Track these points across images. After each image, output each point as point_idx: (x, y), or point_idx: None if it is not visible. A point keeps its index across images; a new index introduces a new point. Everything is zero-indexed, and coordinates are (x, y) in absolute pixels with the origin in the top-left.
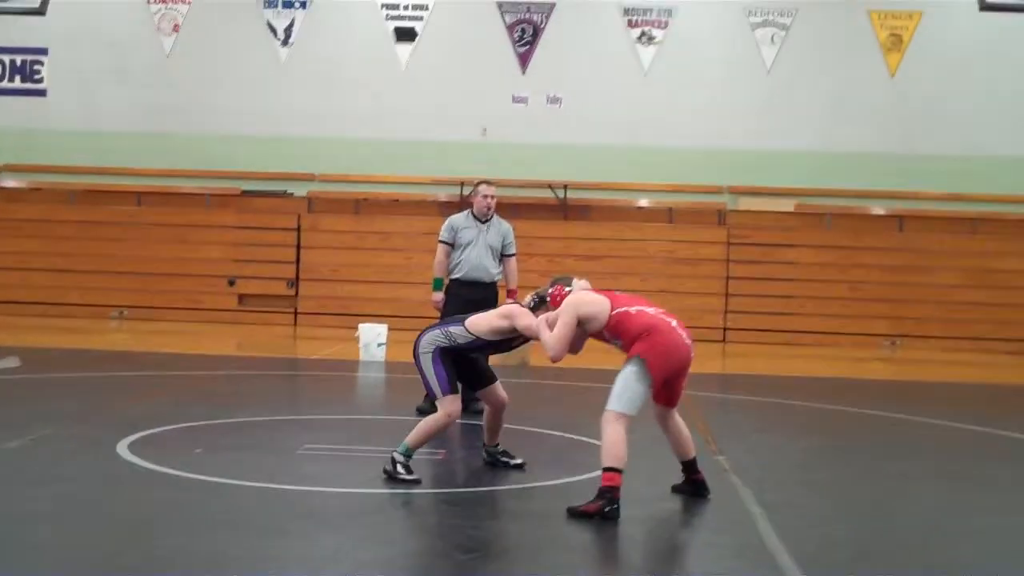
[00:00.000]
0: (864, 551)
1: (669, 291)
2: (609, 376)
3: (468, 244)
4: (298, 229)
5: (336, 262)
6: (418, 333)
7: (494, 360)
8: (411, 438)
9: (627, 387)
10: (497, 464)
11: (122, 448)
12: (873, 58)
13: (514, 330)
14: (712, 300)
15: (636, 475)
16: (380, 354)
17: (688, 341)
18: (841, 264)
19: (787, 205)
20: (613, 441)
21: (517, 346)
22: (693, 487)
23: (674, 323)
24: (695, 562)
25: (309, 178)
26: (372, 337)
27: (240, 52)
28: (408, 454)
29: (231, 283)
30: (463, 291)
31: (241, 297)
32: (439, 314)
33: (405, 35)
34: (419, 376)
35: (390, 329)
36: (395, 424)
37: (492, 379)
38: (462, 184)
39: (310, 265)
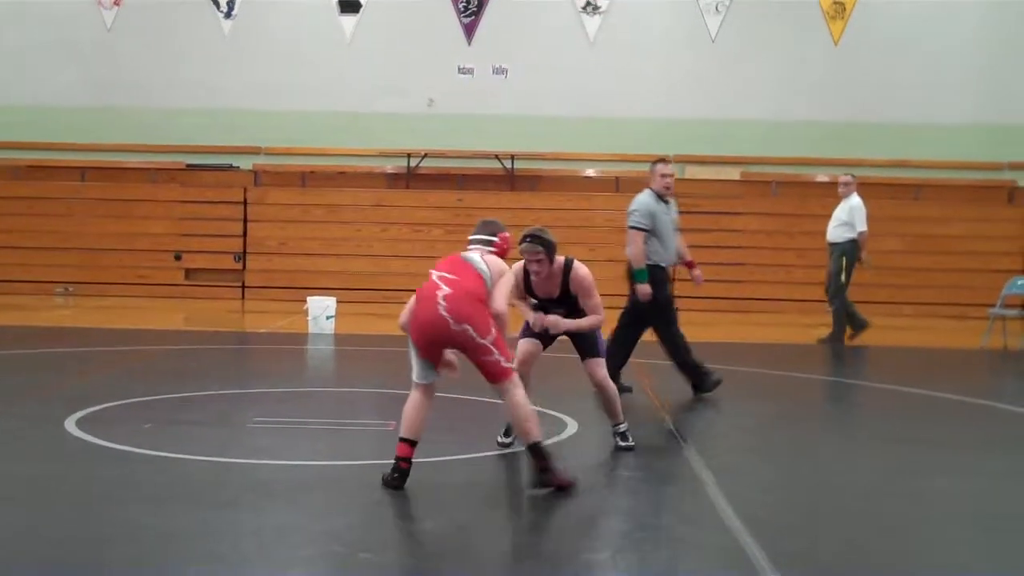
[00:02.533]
0: (813, 514)
1: (617, 260)
2: (556, 344)
3: (668, 229)
4: (244, 203)
5: (283, 235)
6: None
7: None
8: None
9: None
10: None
11: (70, 425)
12: (817, 26)
13: None
14: None
15: (585, 442)
16: (329, 327)
17: (443, 312)
18: (788, 231)
19: (734, 174)
20: (405, 409)
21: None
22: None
23: (443, 292)
24: (647, 527)
25: (255, 151)
26: (321, 310)
27: (183, 25)
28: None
29: (177, 258)
30: (664, 276)
31: (188, 272)
32: (654, 308)
33: (349, 7)
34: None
35: (339, 302)
36: (345, 396)
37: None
38: (408, 155)
39: (257, 239)
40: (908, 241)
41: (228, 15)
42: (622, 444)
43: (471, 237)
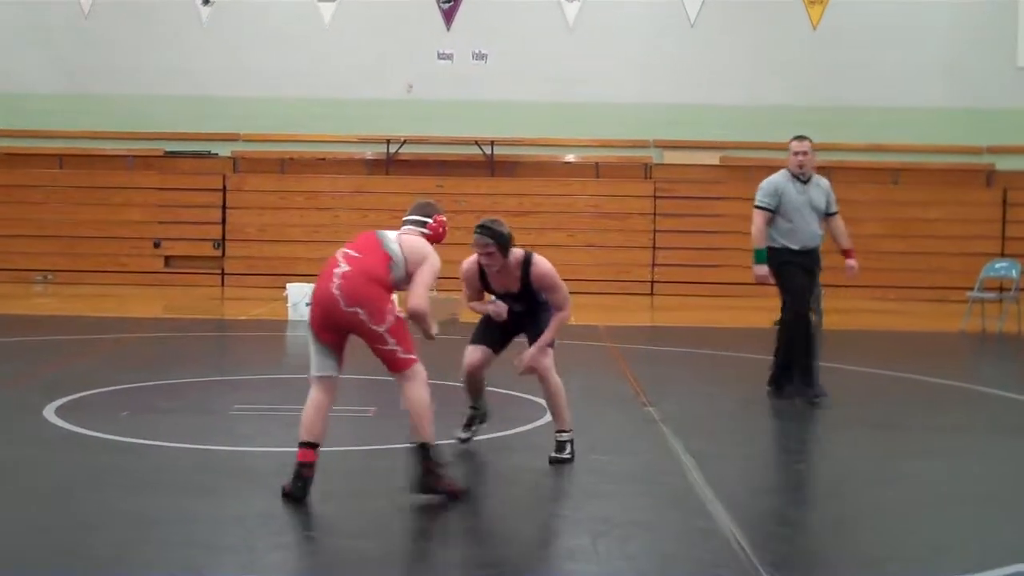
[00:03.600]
0: (792, 497)
1: (597, 245)
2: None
3: (796, 208)
4: (223, 189)
5: (262, 222)
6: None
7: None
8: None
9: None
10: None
11: (49, 412)
12: (796, 11)
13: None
14: (640, 253)
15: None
16: (308, 313)
17: (335, 291)
18: None
19: (712, 158)
20: (304, 409)
21: None
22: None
23: (340, 269)
24: (627, 511)
25: (233, 138)
26: (300, 296)
27: (161, 11)
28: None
29: (156, 245)
30: (798, 259)
31: (167, 259)
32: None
33: None
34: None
35: None
36: None
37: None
38: (388, 141)
39: (236, 225)
40: (887, 225)
41: (206, 2)
42: (554, 454)
43: (405, 217)
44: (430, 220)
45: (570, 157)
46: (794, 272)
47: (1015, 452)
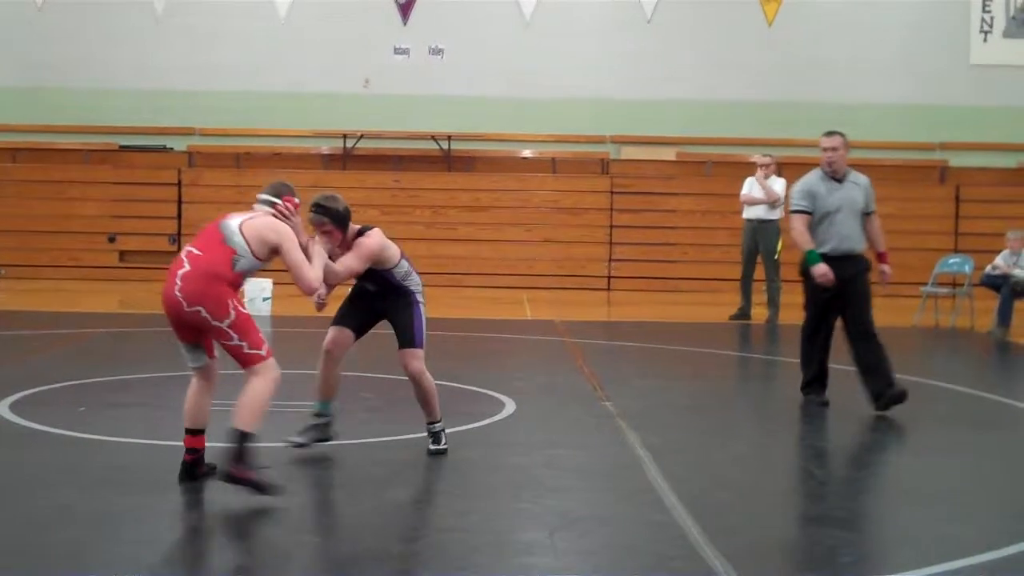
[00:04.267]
0: (749, 491)
1: (553, 240)
2: (491, 325)
3: (833, 211)
4: (179, 184)
5: (218, 217)
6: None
7: None
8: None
9: None
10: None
11: (3, 409)
12: (751, 7)
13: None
14: (596, 249)
15: (523, 422)
16: (266, 308)
17: (177, 292)
18: (722, 211)
19: (669, 154)
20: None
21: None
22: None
23: (183, 270)
24: (585, 505)
25: (189, 132)
26: (257, 292)
27: (115, 4)
28: None
29: (111, 240)
30: (831, 266)
31: (122, 254)
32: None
33: None
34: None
35: (275, 283)
36: (283, 378)
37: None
38: (344, 136)
39: (192, 220)
40: None
41: None
42: (432, 447)
43: (259, 196)
44: (278, 201)
45: (527, 152)
46: (819, 285)
47: (968, 445)
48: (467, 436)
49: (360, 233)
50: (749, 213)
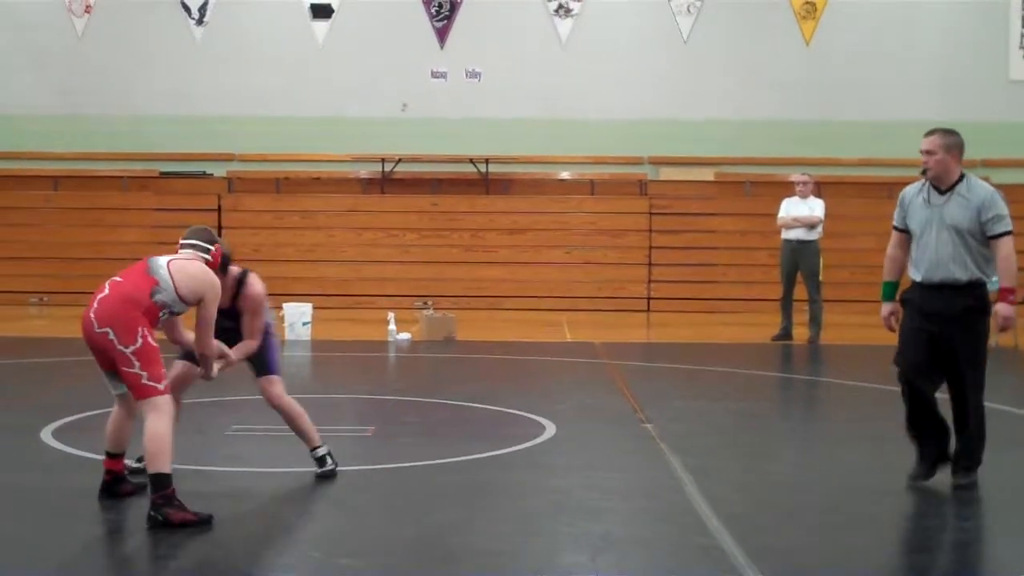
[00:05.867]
0: (790, 512)
1: (592, 262)
2: (531, 348)
3: (919, 226)
4: (219, 210)
5: (258, 242)
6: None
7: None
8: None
9: None
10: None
11: (46, 435)
12: (788, 26)
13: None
14: (635, 270)
15: (564, 444)
16: (305, 333)
17: (91, 314)
18: (761, 231)
19: (707, 174)
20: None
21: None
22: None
23: (102, 294)
24: (626, 528)
25: (228, 158)
26: (297, 316)
27: (154, 32)
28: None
29: None
30: (918, 297)
31: None
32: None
33: (321, 11)
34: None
35: (315, 308)
36: (322, 402)
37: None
38: (383, 160)
39: (232, 245)
40: (881, 239)
41: (200, 21)
42: (320, 471)
43: (182, 241)
44: (212, 248)
45: (565, 174)
46: (907, 315)
47: (1008, 465)
48: (508, 459)
49: (241, 279)
50: (788, 234)
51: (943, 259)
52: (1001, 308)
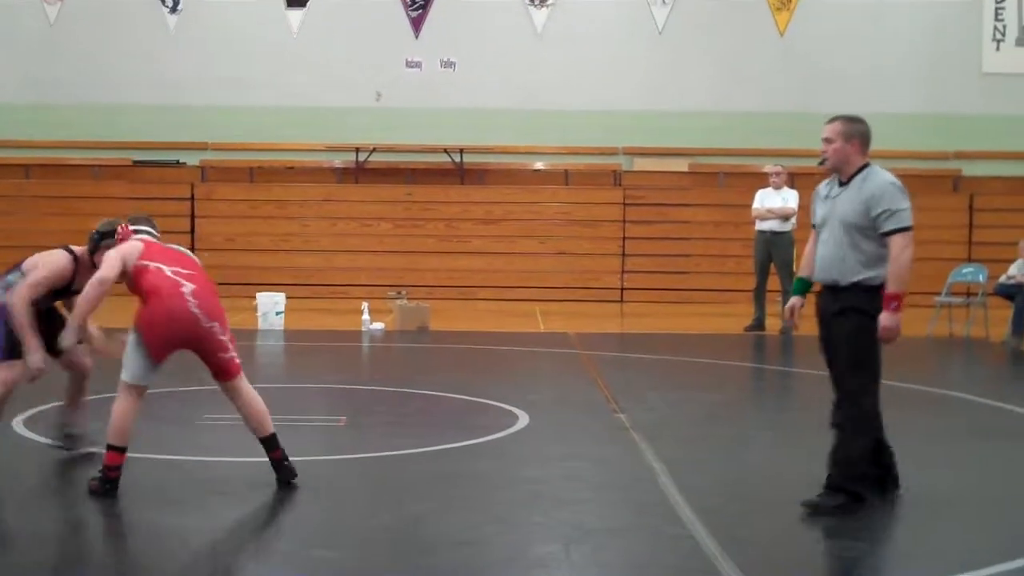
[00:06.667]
0: (763, 503)
1: (567, 253)
2: (505, 338)
3: (820, 221)
4: (192, 199)
5: (231, 231)
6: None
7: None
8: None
9: (128, 355)
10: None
11: (17, 424)
12: (763, 17)
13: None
14: (609, 261)
15: (536, 434)
16: (279, 323)
17: (195, 310)
18: (735, 222)
19: (681, 165)
20: (117, 414)
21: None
22: (274, 468)
23: (188, 287)
24: (599, 518)
25: (202, 147)
26: (270, 306)
27: (127, 19)
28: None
29: None
30: (821, 301)
31: None
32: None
33: (296, 0)
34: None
35: (288, 297)
36: (295, 392)
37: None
38: (357, 150)
39: (205, 235)
40: None
41: (173, 9)
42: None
43: (141, 228)
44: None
45: (539, 165)
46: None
47: (979, 455)
48: (481, 449)
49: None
50: (762, 225)
51: (830, 258)
52: (882, 318)
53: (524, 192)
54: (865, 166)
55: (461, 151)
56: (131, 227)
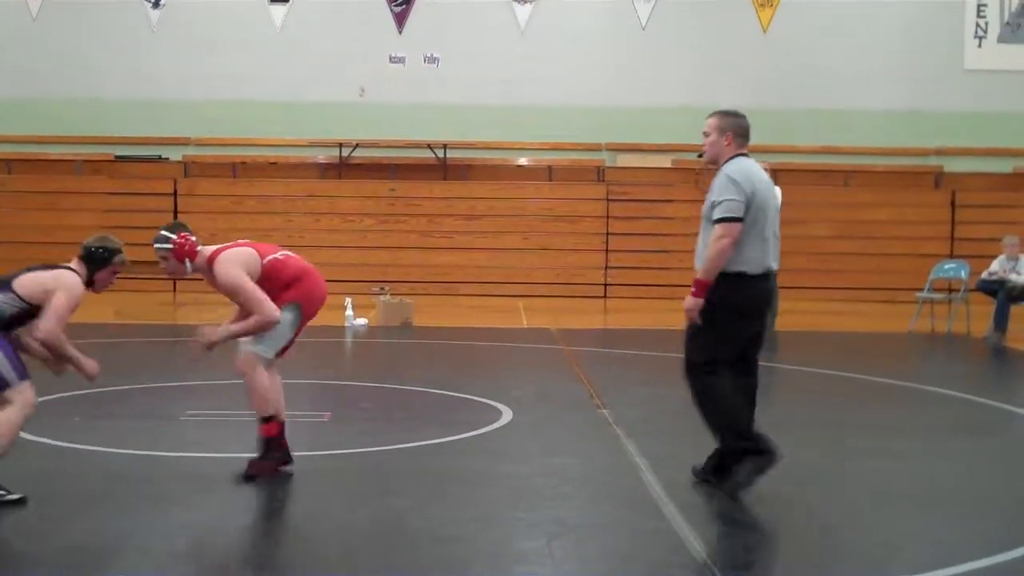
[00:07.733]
0: (745, 498)
1: (550, 248)
2: (488, 333)
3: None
4: (174, 194)
5: (214, 227)
6: None
7: None
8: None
9: (277, 332)
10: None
11: None
12: (746, 14)
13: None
14: (593, 256)
15: (520, 430)
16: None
17: (324, 290)
18: None
19: (664, 161)
20: (262, 388)
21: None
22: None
23: (309, 266)
24: (582, 514)
25: (184, 142)
26: None
27: (110, 14)
28: None
29: None
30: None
31: None
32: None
33: None
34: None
35: None
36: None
37: None
38: (340, 145)
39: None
40: (837, 227)
41: (156, 4)
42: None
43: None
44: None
45: (523, 160)
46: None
47: (961, 451)
48: (464, 445)
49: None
50: None
51: (698, 247)
52: (687, 300)
53: (507, 188)
54: (732, 158)
55: (444, 147)
56: (187, 235)
